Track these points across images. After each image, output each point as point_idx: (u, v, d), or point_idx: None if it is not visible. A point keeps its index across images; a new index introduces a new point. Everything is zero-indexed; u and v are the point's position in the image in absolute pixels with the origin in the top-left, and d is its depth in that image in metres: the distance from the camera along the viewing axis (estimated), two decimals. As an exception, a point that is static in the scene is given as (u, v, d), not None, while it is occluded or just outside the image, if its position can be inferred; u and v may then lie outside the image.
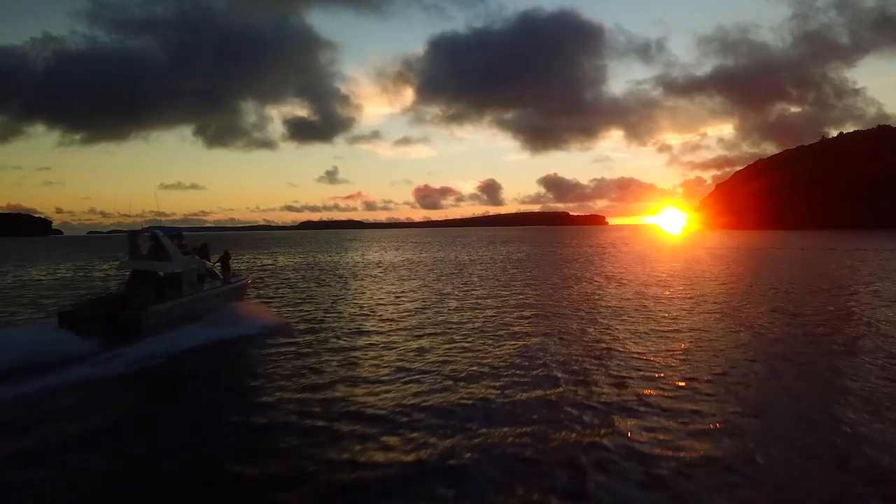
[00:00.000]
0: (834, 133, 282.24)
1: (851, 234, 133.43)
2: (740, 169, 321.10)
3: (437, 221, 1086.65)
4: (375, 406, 11.77)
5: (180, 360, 16.15)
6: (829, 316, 21.52)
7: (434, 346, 17.09)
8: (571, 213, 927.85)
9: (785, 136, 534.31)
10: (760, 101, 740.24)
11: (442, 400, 12.04)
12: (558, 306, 24.51)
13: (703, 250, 69.12)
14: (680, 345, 16.76)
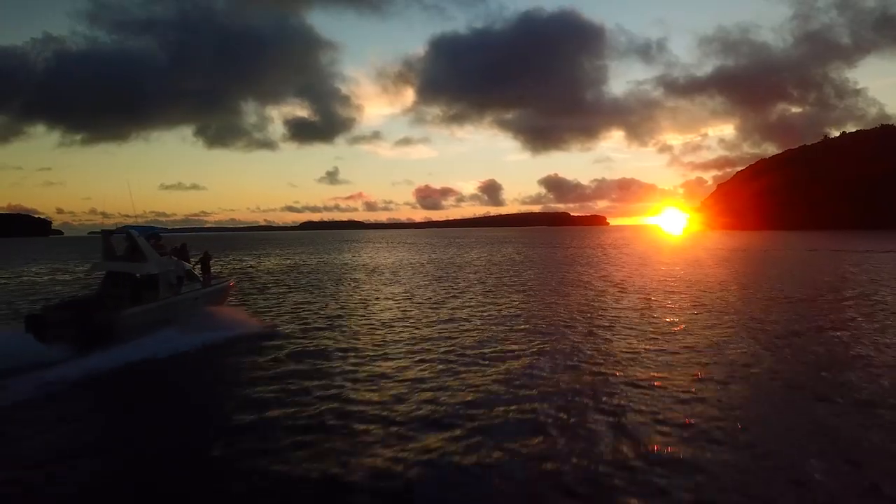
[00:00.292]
0: (835, 134, 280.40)
1: (854, 234, 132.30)
2: (741, 169, 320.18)
3: (437, 222, 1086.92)
4: (354, 414, 11.23)
5: (154, 366, 15.37)
6: (851, 328, 19.50)
7: (411, 365, 15.59)
8: (572, 214, 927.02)
9: (786, 136, 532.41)
10: (761, 102, 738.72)
11: (425, 412, 11.26)
12: (552, 317, 22.17)
13: (704, 252, 67.56)
14: (687, 367, 14.46)
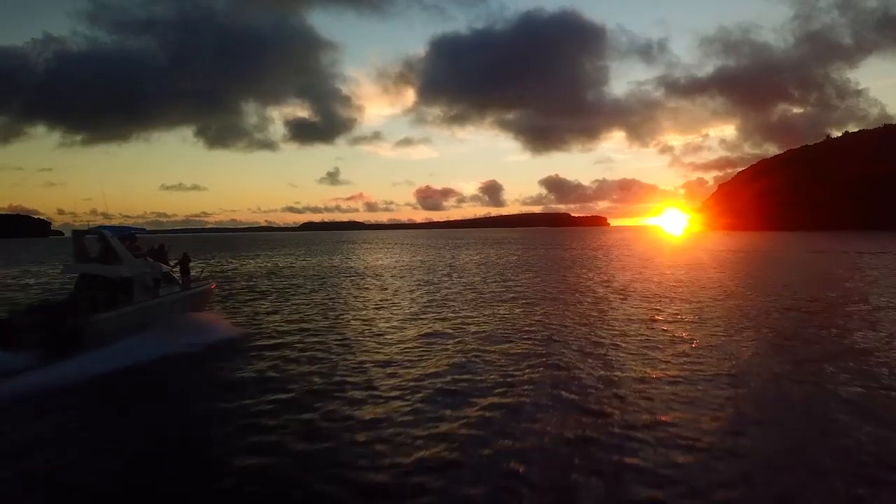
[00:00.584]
0: (837, 134, 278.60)
1: (856, 235, 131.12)
2: (742, 170, 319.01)
3: (438, 222, 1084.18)
4: (335, 423, 10.86)
5: (126, 374, 14.62)
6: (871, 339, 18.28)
7: (393, 374, 14.64)
8: (573, 215, 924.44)
9: (787, 137, 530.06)
10: (762, 102, 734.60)
11: (410, 423, 10.66)
12: (548, 330, 19.52)
13: (707, 254, 65.47)
14: (697, 390, 12.59)
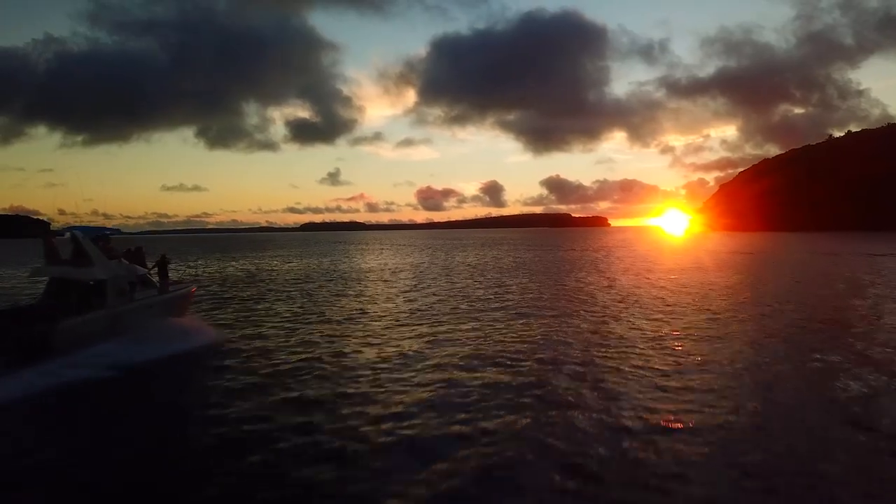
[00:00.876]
0: (838, 135, 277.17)
1: (859, 236, 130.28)
2: (743, 170, 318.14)
3: (439, 223, 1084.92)
4: (317, 435, 10.36)
5: (95, 383, 13.82)
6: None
7: (378, 385, 14.11)
8: (573, 215, 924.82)
9: (788, 137, 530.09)
10: (764, 103, 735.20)
11: (394, 435, 10.15)
12: (536, 349, 16.67)
13: (711, 256, 63.03)
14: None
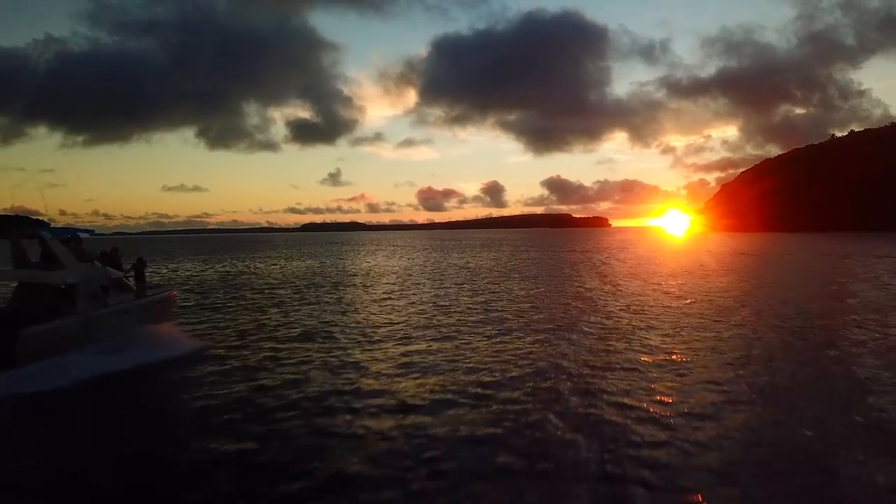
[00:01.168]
0: (840, 135, 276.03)
1: (860, 236, 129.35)
2: (744, 170, 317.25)
3: (440, 223, 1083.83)
4: (298, 453, 9.73)
5: (61, 395, 13.03)
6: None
7: (364, 400, 13.58)
8: (574, 216, 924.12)
9: (789, 137, 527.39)
10: (765, 103, 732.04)
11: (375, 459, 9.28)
12: (527, 374, 14.24)
13: (714, 259, 59.74)
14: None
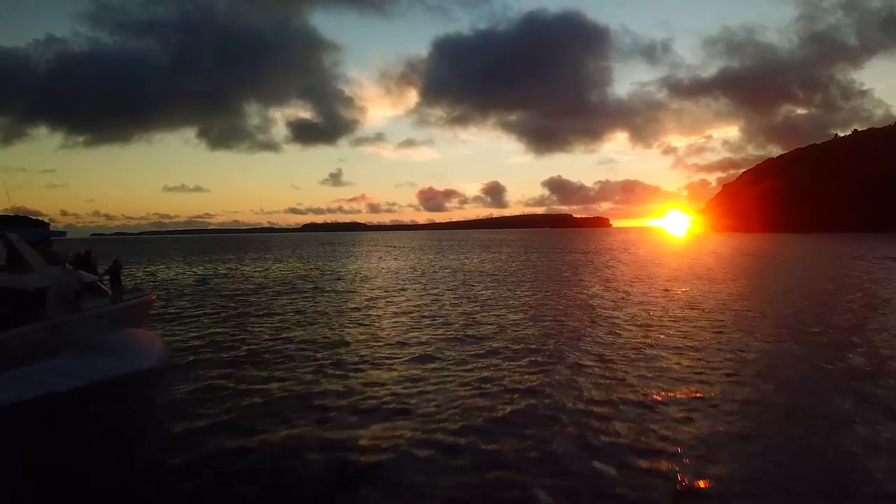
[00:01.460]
0: (843, 134, 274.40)
1: (862, 237, 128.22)
2: (746, 171, 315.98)
3: (440, 224, 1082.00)
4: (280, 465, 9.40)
5: (29, 407, 12.31)
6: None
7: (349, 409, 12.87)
8: (575, 216, 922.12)
9: (791, 138, 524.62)
10: (766, 103, 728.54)
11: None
12: (524, 403, 12.11)
13: (718, 262, 58.05)
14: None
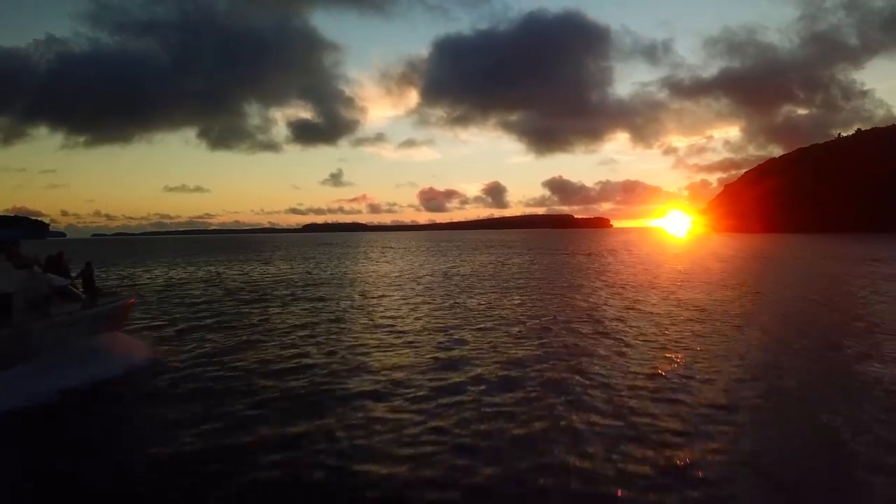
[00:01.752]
0: (846, 134, 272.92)
1: (864, 237, 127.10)
2: (747, 171, 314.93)
3: (441, 224, 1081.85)
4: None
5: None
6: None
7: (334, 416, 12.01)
8: (576, 216, 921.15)
9: (791, 138, 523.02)
10: (767, 103, 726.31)
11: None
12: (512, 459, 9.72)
13: (722, 264, 55.97)
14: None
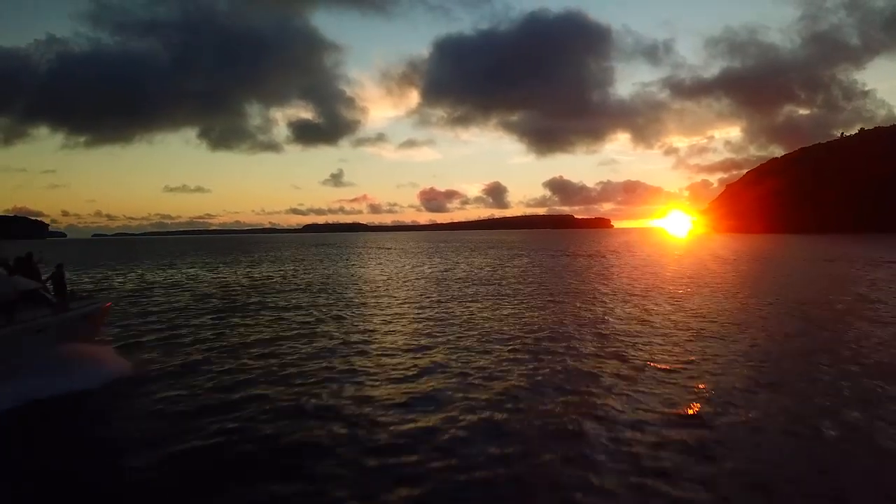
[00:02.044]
0: (848, 134, 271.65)
1: (865, 238, 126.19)
2: (748, 171, 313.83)
3: (442, 224, 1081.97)
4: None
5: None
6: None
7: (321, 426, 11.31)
8: (577, 217, 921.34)
9: (792, 138, 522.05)
10: (768, 104, 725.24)
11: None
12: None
13: (727, 266, 54.26)
14: None
